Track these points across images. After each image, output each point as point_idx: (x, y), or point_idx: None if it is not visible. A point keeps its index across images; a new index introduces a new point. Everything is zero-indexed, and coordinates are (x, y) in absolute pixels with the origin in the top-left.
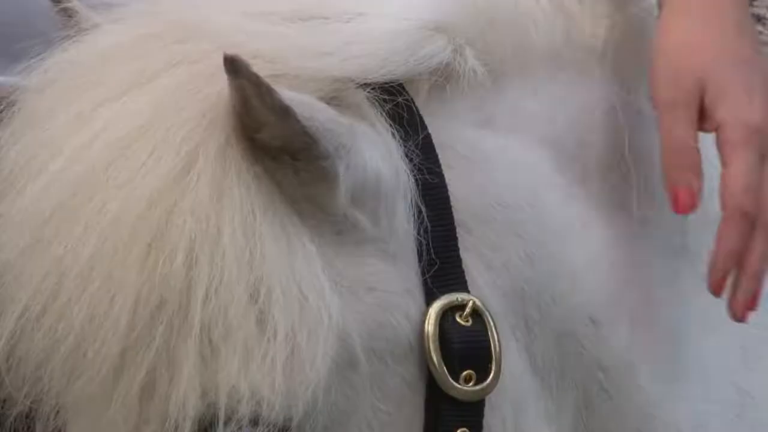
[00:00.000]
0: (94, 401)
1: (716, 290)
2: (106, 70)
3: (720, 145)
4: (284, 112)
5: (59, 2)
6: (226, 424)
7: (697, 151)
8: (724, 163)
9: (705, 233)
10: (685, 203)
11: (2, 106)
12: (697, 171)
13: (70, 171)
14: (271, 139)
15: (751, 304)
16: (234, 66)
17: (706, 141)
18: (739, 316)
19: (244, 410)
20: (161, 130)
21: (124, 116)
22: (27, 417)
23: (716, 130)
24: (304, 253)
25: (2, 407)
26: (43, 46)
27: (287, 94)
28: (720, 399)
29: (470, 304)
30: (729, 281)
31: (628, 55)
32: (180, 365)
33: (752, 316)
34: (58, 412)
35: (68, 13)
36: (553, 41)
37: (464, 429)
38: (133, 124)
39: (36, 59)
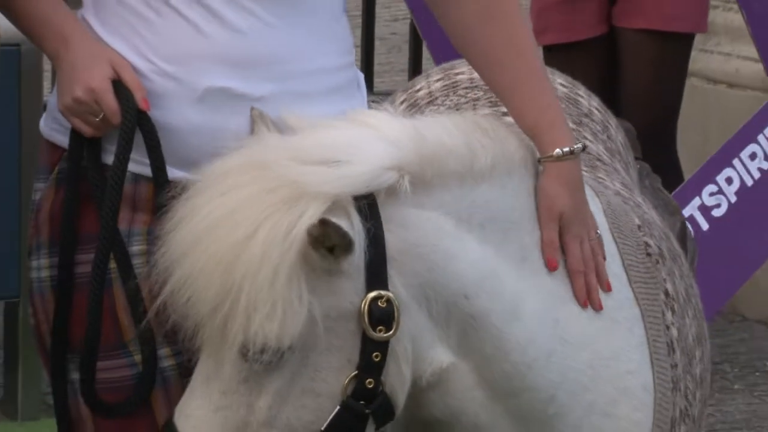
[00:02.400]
0: (204, 328)
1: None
2: (227, 179)
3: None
4: (349, 242)
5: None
6: (253, 348)
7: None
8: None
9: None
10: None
11: (180, 191)
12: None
13: (202, 223)
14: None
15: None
16: (324, 222)
17: None
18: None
19: (260, 342)
20: (251, 209)
21: (230, 202)
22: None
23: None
24: (298, 278)
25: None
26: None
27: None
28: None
29: (385, 296)
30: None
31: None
32: (234, 319)
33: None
34: (194, 333)
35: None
36: (458, 171)
37: (377, 353)
38: (233, 205)
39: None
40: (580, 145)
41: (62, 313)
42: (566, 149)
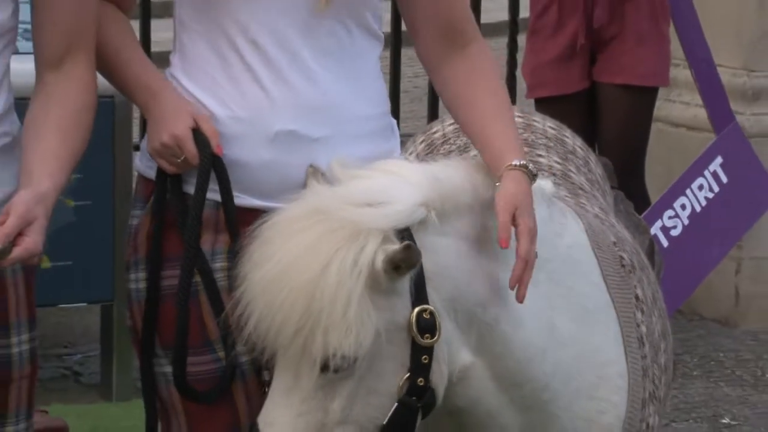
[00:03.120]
0: (284, 348)
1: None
2: (294, 225)
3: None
4: (418, 257)
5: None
6: (333, 361)
7: None
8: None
9: None
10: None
11: (260, 223)
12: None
13: (278, 264)
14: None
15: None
16: (408, 247)
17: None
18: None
19: (339, 355)
20: (321, 247)
21: (301, 243)
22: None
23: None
24: (365, 299)
25: (253, 352)
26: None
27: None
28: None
29: (428, 309)
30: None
31: None
32: (315, 339)
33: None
34: (272, 354)
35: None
36: (468, 203)
37: (425, 356)
38: (305, 246)
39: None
40: (534, 168)
41: (150, 317)
42: (522, 162)
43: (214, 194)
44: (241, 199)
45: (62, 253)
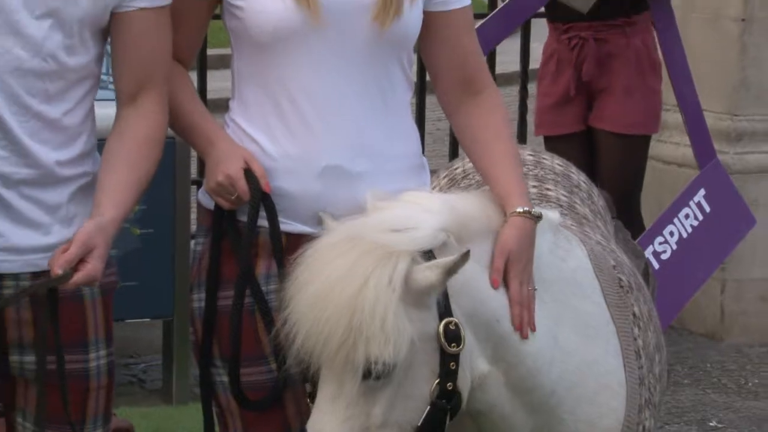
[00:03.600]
0: (329, 360)
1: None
2: (334, 250)
3: (509, 277)
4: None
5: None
6: (374, 368)
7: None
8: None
9: None
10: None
11: (304, 249)
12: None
13: (321, 285)
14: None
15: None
16: (466, 255)
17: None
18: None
19: (380, 363)
20: (358, 268)
21: (341, 265)
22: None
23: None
24: (400, 312)
25: (299, 366)
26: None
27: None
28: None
29: (453, 321)
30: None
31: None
32: (357, 347)
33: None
34: (317, 367)
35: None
36: (482, 230)
37: (453, 363)
38: (343, 268)
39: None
40: (538, 211)
41: (208, 332)
42: (525, 208)
43: (267, 222)
44: (293, 226)
45: (129, 275)
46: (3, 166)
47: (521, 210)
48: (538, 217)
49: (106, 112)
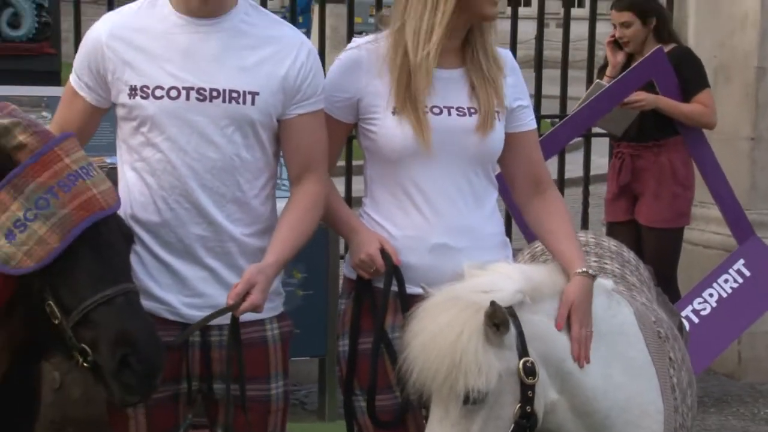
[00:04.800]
0: (438, 390)
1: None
2: (439, 307)
3: (571, 320)
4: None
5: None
6: (472, 395)
7: None
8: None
9: None
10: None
11: (417, 307)
12: None
13: (429, 334)
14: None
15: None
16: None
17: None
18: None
19: (476, 391)
20: (457, 320)
21: (443, 319)
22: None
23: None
24: (489, 352)
25: (416, 395)
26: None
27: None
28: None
29: (530, 360)
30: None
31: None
32: (458, 380)
33: None
34: (428, 395)
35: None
36: (550, 293)
37: (530, 391)
38: (446, 321)
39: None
40: (593, 271)
41: (350, 370)
42: (584, 269)
43: (394, 287)
44: (412, 289)
45: (295, 325)
46: (207, 242)
47: (580, 270)
48: (594, 276)
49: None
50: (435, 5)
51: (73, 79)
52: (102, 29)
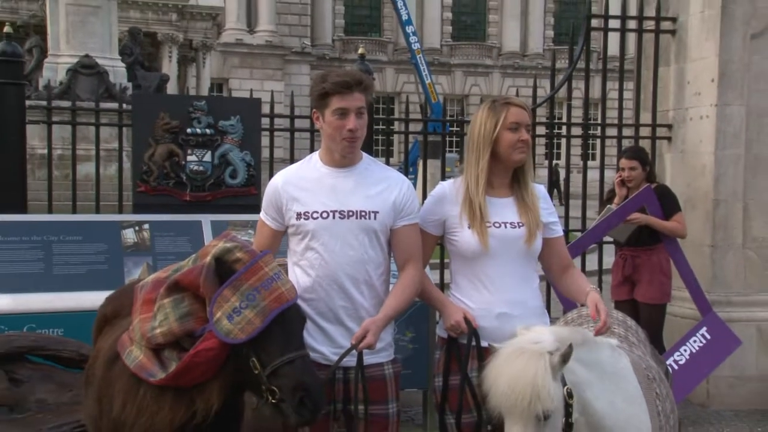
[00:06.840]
0: (521, 413)
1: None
2: (510, 356)
3: (599, 308)
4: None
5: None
6: (543, 413)
7: None
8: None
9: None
10: None
11: (492, 356)
12: None
13: (505, 378)
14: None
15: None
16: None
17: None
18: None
19: (546, 411)
20: (526, 365)
21: (516, 366)
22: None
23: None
24: (553, 384)
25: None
26: None
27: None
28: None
29: (568, 388)
30: None
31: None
32: (536, 404)
33: None
34: (501, 417)
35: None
36: (576, 344)
37: (571, 408)
38: (518, 367)
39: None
40: (598, 290)
41: (443, 399)
42: (593, 287)
43: (473, 343)
44: (484, 344)
45: (405, 365)
46: (347, 311)
47: (593, 288)
48: (600, 291)
49: None
50: (477, 160)
51: (262, 215)
52: (279, 180)
